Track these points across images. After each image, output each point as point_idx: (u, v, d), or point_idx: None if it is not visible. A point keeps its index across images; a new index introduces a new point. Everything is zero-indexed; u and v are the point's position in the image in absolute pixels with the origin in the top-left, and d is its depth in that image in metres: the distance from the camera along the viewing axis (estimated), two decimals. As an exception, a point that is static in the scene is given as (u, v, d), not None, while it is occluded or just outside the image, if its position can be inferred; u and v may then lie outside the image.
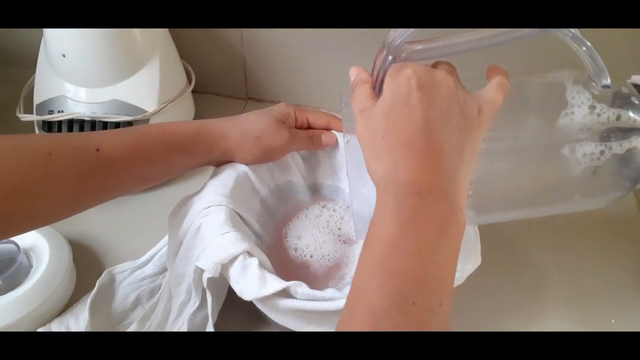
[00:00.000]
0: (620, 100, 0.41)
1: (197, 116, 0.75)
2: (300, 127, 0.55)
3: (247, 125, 0.51)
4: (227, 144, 0.50)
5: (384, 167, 0.36)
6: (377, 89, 0.40)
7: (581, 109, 0.40)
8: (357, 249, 0.55)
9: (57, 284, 0.53)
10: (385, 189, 0.35)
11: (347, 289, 0.43)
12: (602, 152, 0.41)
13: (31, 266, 0.54)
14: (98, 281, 0.55)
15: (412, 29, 0.38)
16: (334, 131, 0.56)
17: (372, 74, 0.41)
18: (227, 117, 0.52)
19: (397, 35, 0.38)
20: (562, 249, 0.61)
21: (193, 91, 0.73)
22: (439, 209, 0.34)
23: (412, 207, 0.34)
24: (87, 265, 0.58)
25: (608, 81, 0.40)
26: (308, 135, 0.55)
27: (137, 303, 0.55)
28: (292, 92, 0.79)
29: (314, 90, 0.78)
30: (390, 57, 0.39)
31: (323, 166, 0.58)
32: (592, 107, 0.41)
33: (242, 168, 0.51)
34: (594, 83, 0.41)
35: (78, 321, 0.52)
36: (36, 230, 0.54)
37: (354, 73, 0.42)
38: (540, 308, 0.56)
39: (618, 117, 0.40)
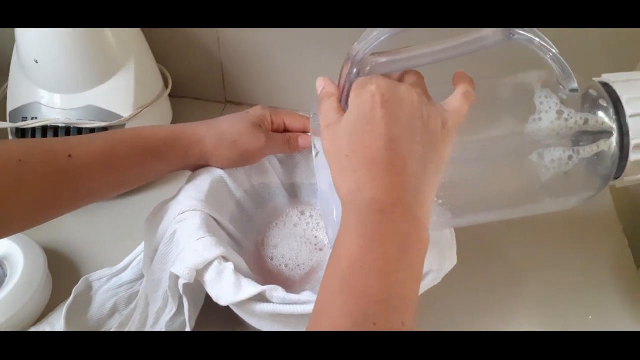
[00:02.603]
0: (589, 103, 0.41)
1: (175, 120, 0.74)
2: (276, 130, 0.55)
3: (222, 129, 0.51)
4: (203, 148, 0.50)
5: (348, 185, 0.36)
6: (344, 102, 0.39)
7: (549, 115, 0.40)
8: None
9: (32, 293, 0.52)
10: (349, 207, 0.35)
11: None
12: (570, 157, 0.41)
13: (5, 275, 0.53)
14: (74, 289, 0.54)
15: (375, 42, 0.37)
16: (310, 134, 0.56)
17: (338, 86, 0.40)
18: (203, 121, 0.51)
19: (361, 48, 0.38)
20: (538, 246, 0.62)
21: (170, 95, 0.73)
22: (402, 225, 0.34)
23: (374, 224, 0.34)
24: (63, 273, 0.57)
25: (575, 85, 0.40)
26: (285, 139, 0.54)
27: (114, 310, 0.54)
28: (271, 94, 0.79)
29: (292, 92, 0.78)
30: (355, 70, 0.38)
31: (301, 168, 0.58)
32: (560, 112, 0.41)
33: (218, 172, 0.51)
34: (562, 87, 0.41)
35: (54, 329, 0.52)
36: (9, 238, 0.54)
37: (320, 85, 0.42)
38: (517, 306, 0.56)
39: (586, 122, 0.40)
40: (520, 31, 0.37)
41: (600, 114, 0.41)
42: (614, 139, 0.41)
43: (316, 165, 0.44)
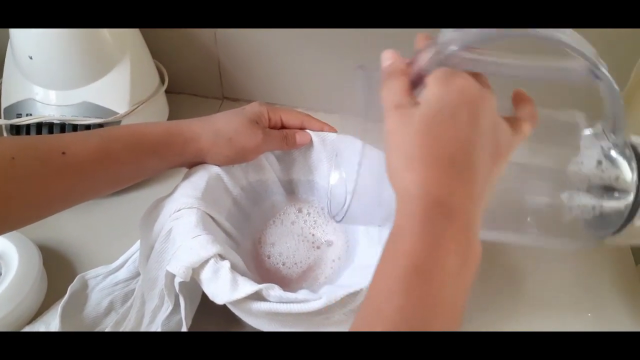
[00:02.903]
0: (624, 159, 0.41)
1: (172, 117, 0.74)
2: (274, 127, 0.55)
3: (219, 126, 0.50)
4: (199, 145, 0.49)
5: (414, 177, 0.33)
6: (415, 87, 0.37)
7: (590, 162, 0.40)
8: (330, 253, 0.55)
9: (27, 291, 0.51)
10: (412, 201, 0.33)
11: (321, 290, 0.42)
12: (593, 207, 0.41)
13: (0, 273, 0.52)
14: (70, 287, 0.53)
15: (474, 39, 0.35)
16: (308, 130, 0.56)
17: (408, 67, 0.37)
18: (199, 118, 0.51)
19: (457, 39, 0.35)
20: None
21: (167, 91, 0.72)
22: (464, 236, 0.33)
23: (440, 230, 0.32)
24: (58, 271, 0.57)
25: (622, 140, 0.40)
26: (282, 135, 0.54)
27: (110, 308, 0.54)
28: (268, 91, 0.79)
29: (290, 89, 0.78)
30: (440, 58, 0.35)
31: (298, 165, 0.57)
32: (600, 163, 0.40)
33: (214, 169, 0.50)
34: (606, 136, 0.41)
35: (49, 328, 0.51)
36: (4, 236, 0.54)
37: (388, 58, 0.38)
38: (517, 306, 0.56)
39: (617, 178, 0.40)
40: (605, 71, 0.36)
41: (629, 174, 0.41)
42: (630, 200, 0.40)
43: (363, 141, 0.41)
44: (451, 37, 0.35)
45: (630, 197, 0.40)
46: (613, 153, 0.40)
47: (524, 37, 0.34)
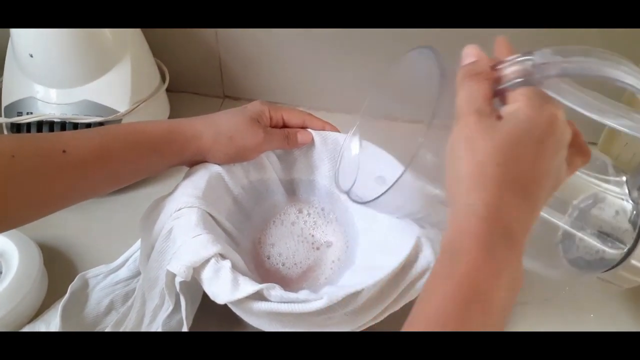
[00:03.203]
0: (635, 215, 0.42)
1: (172, 115, 0.73)
2: (275, 126, 0.54)
3: (220, 125, 0.50)
4: (200, 144, 0.49)
5: (484, 196, 0.32)
6: (498, 97, 0.35)
7: (609, 211, 0.41)
8: (330, 254, 0.54)
9: (28, 290, 0.51)
10: (477, 221, 0.31)
11: (322, 291, 0.42)
12: (597, 252, 0.42)
13: (0, 272, 0.52)
14: (70, 286, 0.53)
15: (572, 67, 0.33)
16: (309, 129, 0.55)
17: (492, 71, 0.35)
18: (200, 117, 0.51)
19: (554, 65, 0.33)
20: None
21: (168, 90, 0.72)
22: (517, 264, 0.32)
23: (502, 256, 0.31)
24: (58, 270, 0.57)
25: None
26: (283, 134, 0.54)
27: (111, 308, 0.54)
28: (270, 89, 0.78)
29: (291, 87, 0.77)
30: (534, 77, 0.34)
31: (299, 164, 0.57)
32: (617, 213, 0.41)
33: (215, 168, 0.50)
34: (628, 189, 0.42)
35: (49, 328, 0.51)
36: (4, 234, 0.54)
37: (472, 54, 0.36)
38: (517, 306, 0.55)
39: (625, 232, 0.42)
40: None
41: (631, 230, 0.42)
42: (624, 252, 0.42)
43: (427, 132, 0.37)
44: (550, 60, 0.33)
45: (625, 250, 0.42)
46: (630, 207, 0.42)
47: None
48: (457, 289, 0.30)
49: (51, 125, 0.62)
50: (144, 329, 0.48)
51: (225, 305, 0.42)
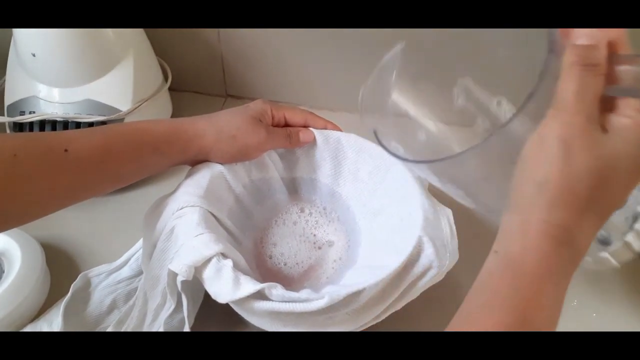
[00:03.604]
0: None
1: (175, 115, 0.74)
2: (277, 125, 0.54)
3: (222, 124, 0.50)
4: (202, 143, 0.49)
5: (566, 217, 0.30)
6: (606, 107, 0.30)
7: (619, 218, 0.40)
8: (331, 253, 0.54)
9: (30, 289, 0.51)
10: (554, 246, 0.30)
11: (323, 290, 0.42)
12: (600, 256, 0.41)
13: (2, 271, 0.52)
14: (72, 285, 0.53)
15: None
16: (311, 128, 0.55)
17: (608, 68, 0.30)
18: (202, 116, 0.51)
19: None
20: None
21: (170, 89, 0.72)
22: (571, 276, 0.32)
23: (564, 287, 0.31)
24: (61, 269, 0.57)
25: None
26: (285, 133, 0.54)
27: (113, 307, 0.54)
28: (272, 88, 0.78)
29: (293, 86, 0.77)
30: None
31: (301, 163, 0.57)
32: (626, 219, 0.40)
33: (217, 167, 0.50)
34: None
35: (52, 327, 0.51)
36: (6, 233, 0.54)
37: (588, 35, 0.31)
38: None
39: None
40: None
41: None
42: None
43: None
44: None
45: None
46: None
47: None
48: (516, 297, 0.30)
49: (54, 125, 0.62)
50: (145, 328, 0.48)
51: (227, 305, 0.42)
